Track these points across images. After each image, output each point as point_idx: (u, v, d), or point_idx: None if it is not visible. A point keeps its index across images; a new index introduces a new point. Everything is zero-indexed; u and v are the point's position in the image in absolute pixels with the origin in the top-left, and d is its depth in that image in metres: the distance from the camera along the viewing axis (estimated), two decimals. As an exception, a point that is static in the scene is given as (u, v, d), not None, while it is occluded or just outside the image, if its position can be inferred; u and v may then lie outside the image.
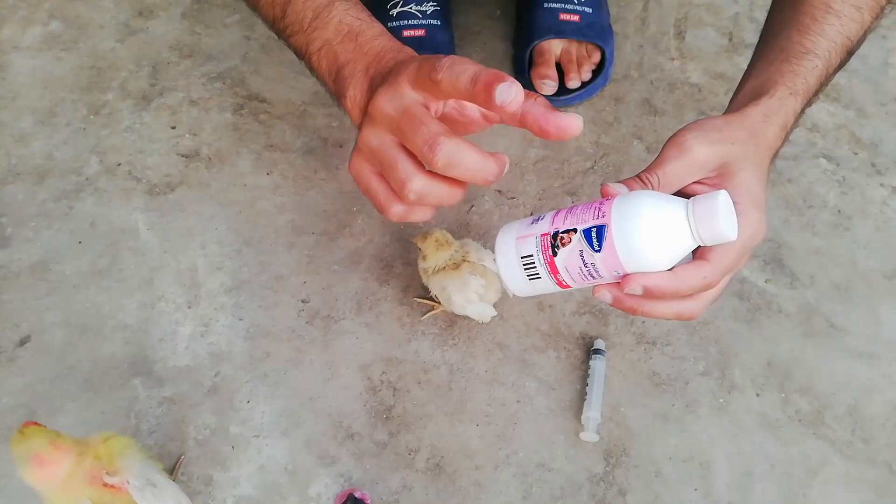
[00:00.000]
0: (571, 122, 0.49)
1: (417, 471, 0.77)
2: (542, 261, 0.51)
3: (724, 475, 0.78)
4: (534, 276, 0.52)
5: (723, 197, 0.48)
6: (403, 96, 0.50)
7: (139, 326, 0.84)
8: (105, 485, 0.61)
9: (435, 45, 0.98)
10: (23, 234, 0.89)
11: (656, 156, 0.56)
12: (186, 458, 0.77)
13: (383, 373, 0.82)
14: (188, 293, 0.86)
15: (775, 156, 0.61)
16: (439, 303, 0.83)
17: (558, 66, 1.00)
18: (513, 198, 0.94)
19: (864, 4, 0.64)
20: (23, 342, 0.82)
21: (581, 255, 0.49)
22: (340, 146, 0.97)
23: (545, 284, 0.52)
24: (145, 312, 0.84)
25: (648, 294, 0.50)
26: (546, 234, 0.50)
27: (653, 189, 0.52)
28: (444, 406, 0.80)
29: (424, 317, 0.85)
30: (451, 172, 0.49)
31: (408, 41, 0.97)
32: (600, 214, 0.48)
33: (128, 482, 0.61)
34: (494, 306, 0.82)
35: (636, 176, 0.55)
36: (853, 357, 0.84)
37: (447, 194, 0.52)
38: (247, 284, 0.87)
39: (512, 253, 0.52)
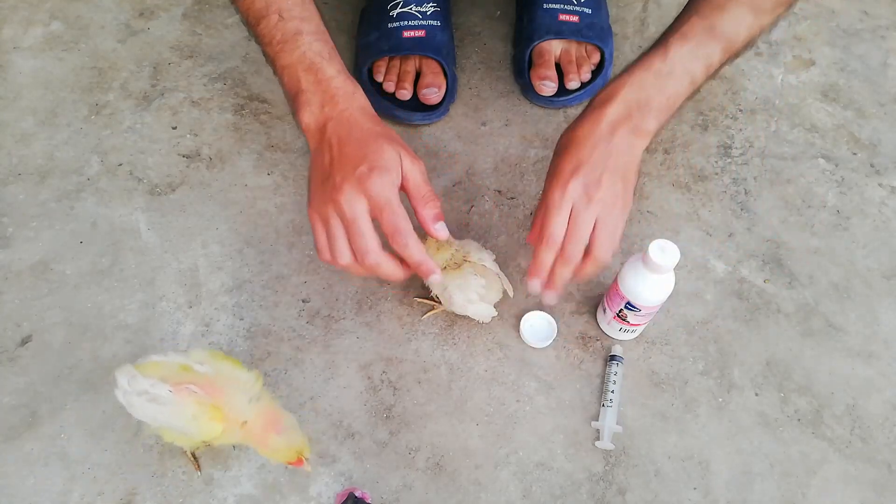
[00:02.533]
0: (440, 232, 0.71)
1: (418, 470, 0.77)
2: (625, 326, 0.82)
3: (723, 474, 0.78)
4: (626, 331, 0.84)
5: (651, 248, 0.73)
6: (357, 205, 0.67)
7: (140, 326, 0.84)
8: None
9: (435, 45, 0.98)
10: (24, 233, 0.89)
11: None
12: (187, 457, 0.77)
13: (383, 372, 0.82)
14: (189, 293, 0.86)
15: (639, 127, 0.71)
16: (439, 302, 0.83)
17: (558, 67, 1.01)
18: (512, 198, 0.94)
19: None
20: (24, 342, 0.82)
21: (636, 315, 0.80)
22: (341, 146, 0.97)
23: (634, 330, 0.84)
24: (146, 312, 0.85)
25: None
26: (615, 318, 0.81)
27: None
28: (444, 405, 0.81)
29: (424, 316, 0.85)
30: (374, 273, 0.70)
31: (408, 41, 0.98)
32: (621, 295, 0.78)
33: None
34: (494, 306, 0.82)
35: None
36: (852, 356, 0.85)
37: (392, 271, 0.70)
38: (247, 284, 0.87)
39: (613, 331, 0.85)
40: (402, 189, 0.71)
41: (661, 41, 0.73)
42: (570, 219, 0.69)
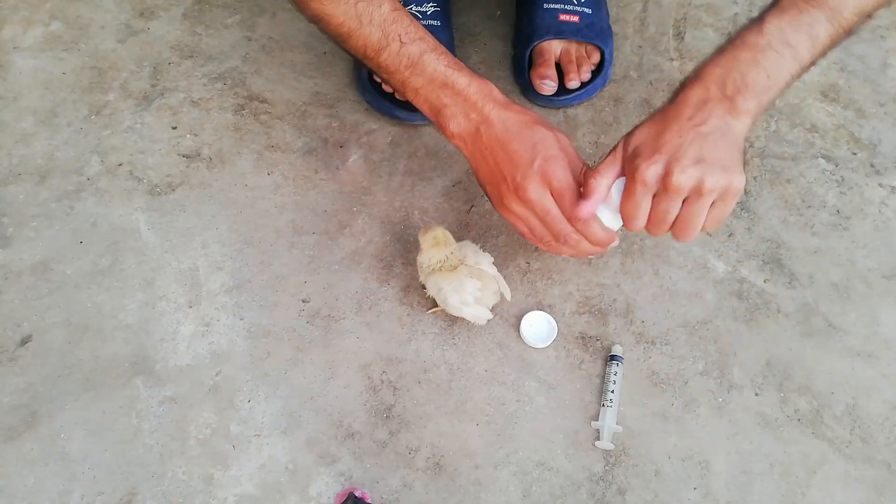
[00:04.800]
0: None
1: (417, 470, 0.77)
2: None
3: (723, 474, 0.78)
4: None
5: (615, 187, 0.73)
6: (545, 197, 0.72)
7: (140, 326, 0.84)
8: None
9: (435, 45, 0.98)
10: (24, 233, 0.89)
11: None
12: (186, 458, 0.77)
13: (383, 372, 0.82)
14: (189, 293, 0.86)
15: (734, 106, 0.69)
16: (439, 302, 0.84)
17: (558, 67, 1.01)
18: (512, 198, 0.94)
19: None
20: (24, 342, 0.82)
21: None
22: (341, 146, 0.97)
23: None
24: (146, 312, 0.85)
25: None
26: None
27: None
28: (444, 405, 0.81)
29: (429, 312, 0.85)
30: (577, 249, 0.75)
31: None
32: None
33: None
34: (494, 306, 0.82)
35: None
36: (852, 356, 0.85)
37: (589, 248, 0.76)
38: (247, 284, 0.87)
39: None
40: None
41: (758, 17, 0.70)
42: (654, 205, 0.69)
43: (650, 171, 0.67)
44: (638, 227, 0.71)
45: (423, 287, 0.82)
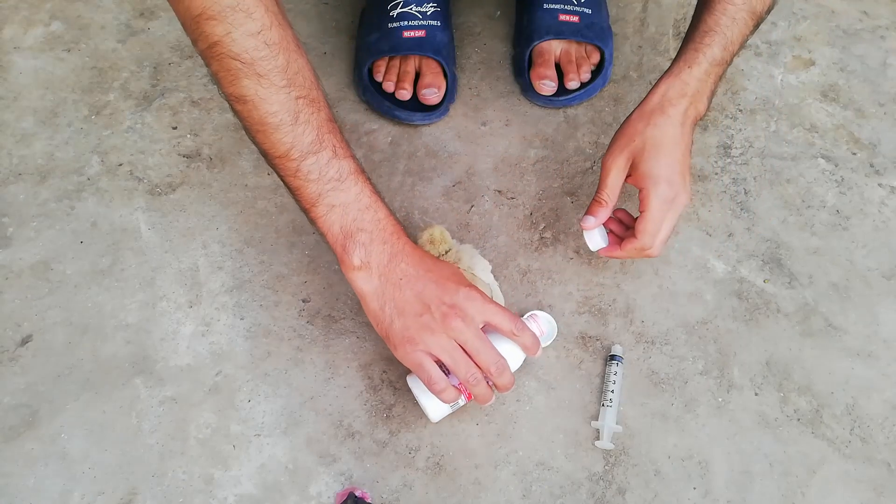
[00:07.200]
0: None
1: (417, 469, 0.77)
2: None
3: (722, 474, 0.78)
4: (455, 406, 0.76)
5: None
6: (476, 325, 0.71)
7: (140, 326, 0.84)
8: None
9: (435, 45, 0.98)
10: (24, 233, 0.89)
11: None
12: (187, 458, 0.77)
13: (384, 372, 0.82)
14: (189, 293, 0.86)
15: (699, 115, 0.80)
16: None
17: (558, 67, 1.01)
18: (512, 198, 0.94)
19: None
20: (24, 342, 0.83)
21: None
22: (341, 146, 0.97)
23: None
24: (146, 312, 0.85)
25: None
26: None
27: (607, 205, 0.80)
28: (444, 405, 0.81)
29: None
30: (502, 382, 0.72)
31: (408, 41, 0.98)
32: None
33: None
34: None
35: (596, 200, 0.80)
36: (851, 356, 0.85)
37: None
38: (248, 284, 0.87)
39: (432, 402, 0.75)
40: None
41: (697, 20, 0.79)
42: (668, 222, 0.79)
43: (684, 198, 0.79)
44: (656, 250, 0.79)
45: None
